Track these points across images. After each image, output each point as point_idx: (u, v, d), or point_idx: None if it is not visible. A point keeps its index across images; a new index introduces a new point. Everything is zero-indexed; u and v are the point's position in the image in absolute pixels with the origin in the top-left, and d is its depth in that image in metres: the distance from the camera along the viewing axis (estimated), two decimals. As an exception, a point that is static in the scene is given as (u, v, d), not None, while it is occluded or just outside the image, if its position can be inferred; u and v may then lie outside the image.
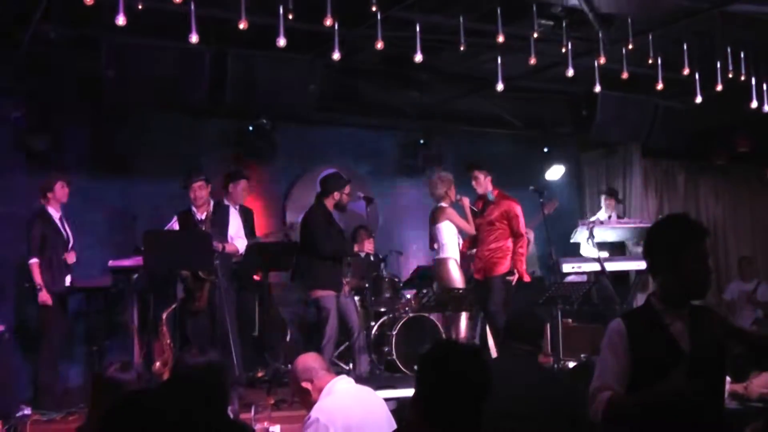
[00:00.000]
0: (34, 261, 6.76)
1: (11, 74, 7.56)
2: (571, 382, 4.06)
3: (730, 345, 3.17)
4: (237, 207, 8.07)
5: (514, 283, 7.77)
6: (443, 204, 8.03)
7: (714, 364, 3.09)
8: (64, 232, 7.01)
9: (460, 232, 8.09)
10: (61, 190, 7.00)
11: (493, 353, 7.74)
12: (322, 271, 7.39)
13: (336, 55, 6.26)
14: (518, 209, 7.86)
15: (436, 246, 8.12)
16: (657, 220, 3.52)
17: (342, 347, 7.94)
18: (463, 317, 8.02)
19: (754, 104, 7.75)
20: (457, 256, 8.06)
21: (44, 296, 6.72)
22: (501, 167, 8.65)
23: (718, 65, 7.31)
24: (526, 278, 7.91)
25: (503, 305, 7.67)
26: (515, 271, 7.76)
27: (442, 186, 8.03)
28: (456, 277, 7.90)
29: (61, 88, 7.96)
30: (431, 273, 8.36)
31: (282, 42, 5.87)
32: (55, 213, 6.98)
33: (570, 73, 6.97)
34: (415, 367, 2.65)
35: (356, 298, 8.08)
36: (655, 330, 3.06)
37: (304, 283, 7.71)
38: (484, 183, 7.94)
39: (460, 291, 7.72)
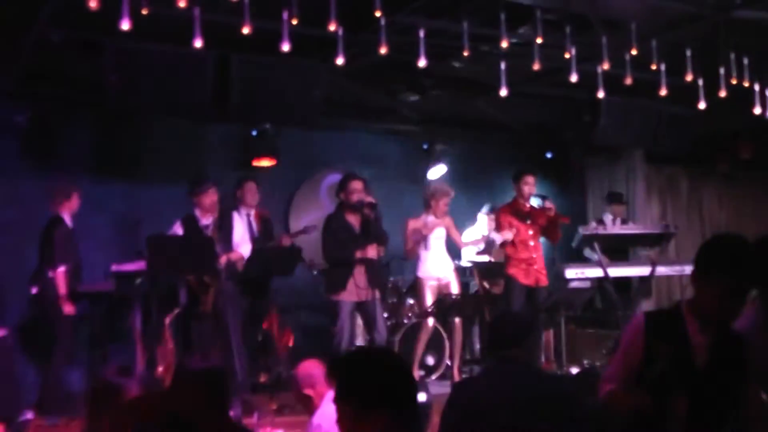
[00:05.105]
0: (62, 269, 6.72)
1: (15, 78, 7.56)
2: (573, 388, 3.99)
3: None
4: (251, 212, 8.05)
5: None
6: (424, 215, 7.94)
7: (720, 390, 2.98)
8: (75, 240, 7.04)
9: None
10: (76, 200, 7.04)
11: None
12: (330, 275, 7.41)
13: (340, 60, 6.27)
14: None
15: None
16: (719, 233, 3.37)
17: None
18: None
19: (758, 110, 7.74)
20: (431, 275, 7.89)
21: (70, 307, 6.73)
22: (503, 172, 8.65)
23: (722, 71, 7.29)
24: None
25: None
26: None
27: (430, 195, 7.90)
28: (427, 300, 7.75)
29: (65, 93, 7.97)
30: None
31: (286, 47, 5.87)
32: (68, 220, 7.00)
33: (573, 78, 6.96)
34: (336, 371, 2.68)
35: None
36: (674, 334, 3.00)
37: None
38: (532, 188, 7.97)
39: (459, 297, 7.69)
